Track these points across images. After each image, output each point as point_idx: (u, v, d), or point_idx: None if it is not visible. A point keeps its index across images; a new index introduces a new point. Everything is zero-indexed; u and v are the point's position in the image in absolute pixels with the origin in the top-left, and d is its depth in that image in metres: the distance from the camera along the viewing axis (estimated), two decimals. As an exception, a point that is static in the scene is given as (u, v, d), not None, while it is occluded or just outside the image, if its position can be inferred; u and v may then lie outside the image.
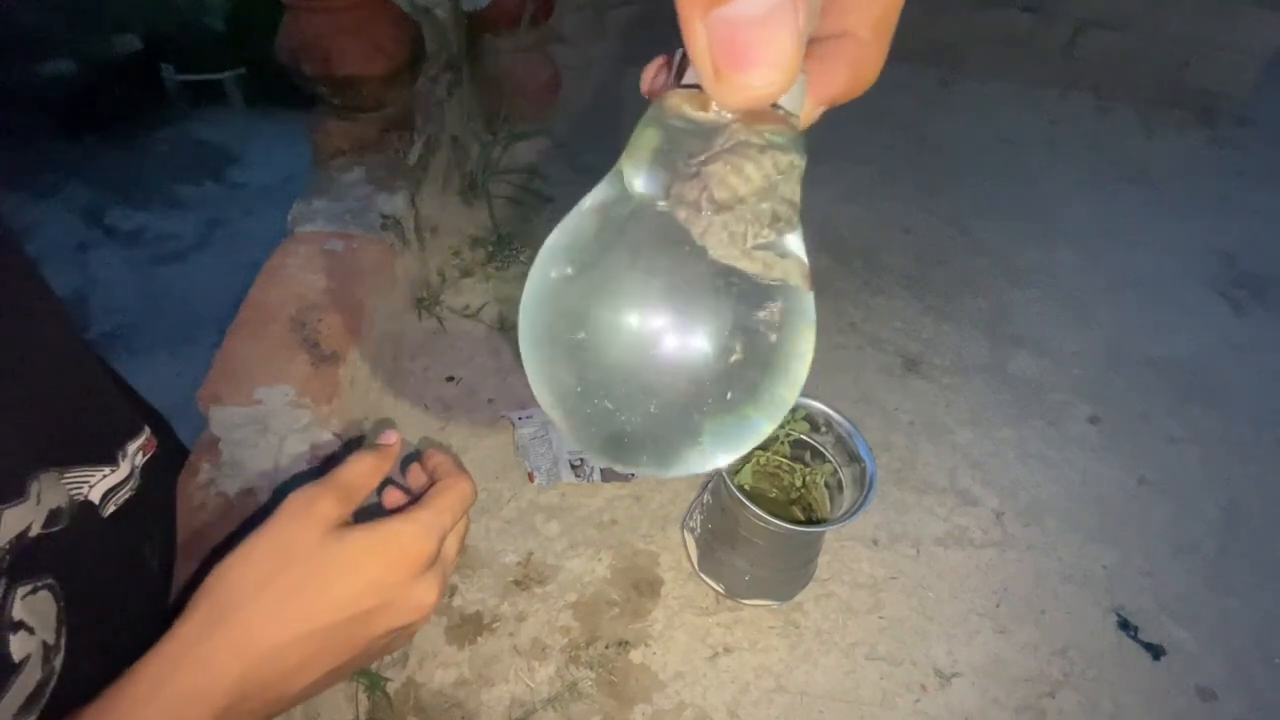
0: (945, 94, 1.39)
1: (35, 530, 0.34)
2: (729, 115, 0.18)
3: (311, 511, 0.40)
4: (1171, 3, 1.31)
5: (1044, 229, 1.11)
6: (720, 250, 0.18)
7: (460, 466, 0.49)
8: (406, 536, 0.41)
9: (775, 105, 0.18)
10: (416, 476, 0.49)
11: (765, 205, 0.18)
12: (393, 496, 0.48)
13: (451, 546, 0.46)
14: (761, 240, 0.18)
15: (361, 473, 0.44)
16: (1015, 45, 1.40)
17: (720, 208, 0.18)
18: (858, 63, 0.18)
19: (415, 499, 0.46)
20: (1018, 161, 1.25)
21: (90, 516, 0.40)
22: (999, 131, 1.32)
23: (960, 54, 1.41)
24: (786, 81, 0.16)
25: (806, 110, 0.19)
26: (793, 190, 0.19)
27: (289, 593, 0.37)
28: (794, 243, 0.19)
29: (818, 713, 0.57)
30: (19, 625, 0.32)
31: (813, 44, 0.18)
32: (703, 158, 0.18)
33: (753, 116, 0.18)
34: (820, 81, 0.18)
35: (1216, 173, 1.29)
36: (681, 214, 0.18)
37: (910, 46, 1.40)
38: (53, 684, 0.34)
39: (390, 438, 0.48)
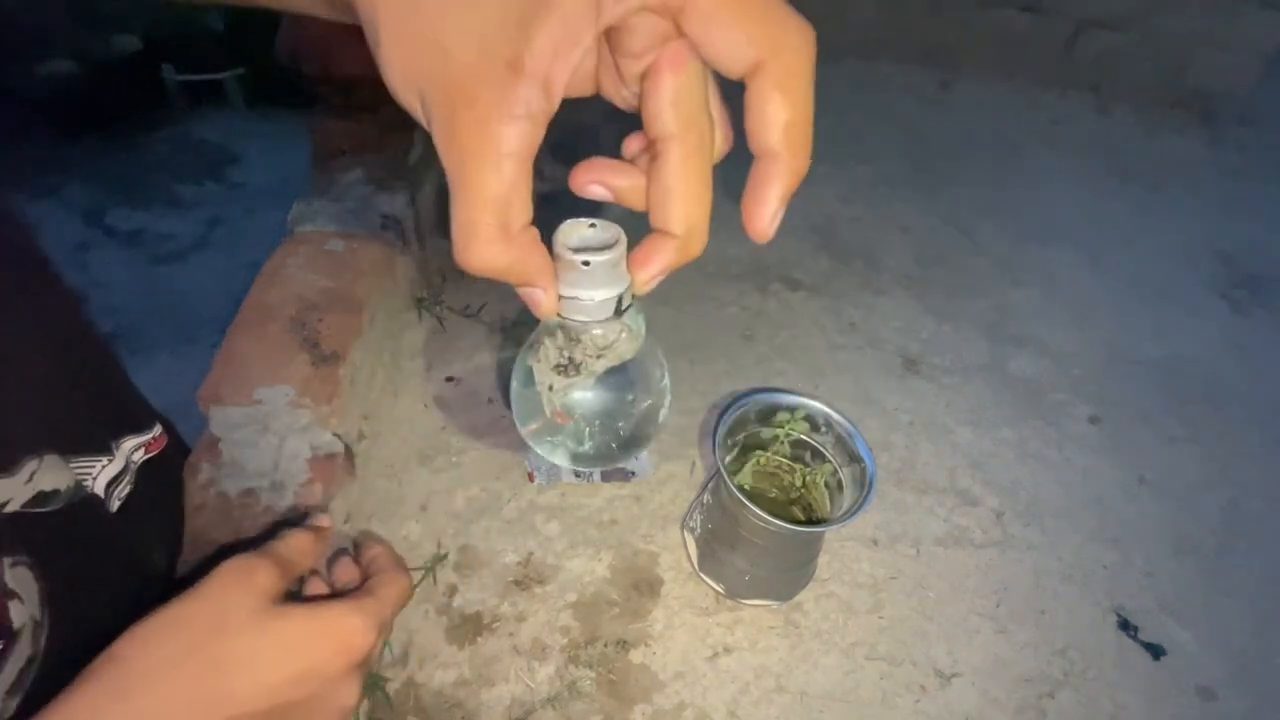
0: (945, 94, 1.39)
1: (13, 506, 0.33)
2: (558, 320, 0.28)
3: (251, 580, 0.36)
4: (1171, 3, 1.31)
5: (1044, 229, 1.11)
6: (541, 377, 0.33)
7: (400, 561, 0.46)
8: (350, 624, 0.37)
9: (612, 310, 0.27)
10: (346, 570, 0.46)
11: (555, 363, 0.31)
12: (315, 586, 0.44)
13: (378, 647, 0.41)
14: (555, 378, 0.31)
15: (298, 549, 0.41)
16: (1015, 45, 1.40)
17: (536, 360, 0.32)
18: (677, 250, 0.25)
19: (337, 595, 0.42)
20: (1018, 161, 1.25)
21: (96, 510, 0.40)
22: (999, 131, 1.32)
23: (960, 54, 1.41)
24: (550, 313, 0.27)
25: (640, 282, 0.26)
26: (591, 348, 0.30)
27: (210, 671, 0.33)
28: (596, 367, 0.30)
29: (818, 713, 0.57)
30: (13, 594, 0.32)
31: (646, 238, 0.25)
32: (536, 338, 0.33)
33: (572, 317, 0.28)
34: (646, 262, 0.25)
35: (1216, 173, 1.29)
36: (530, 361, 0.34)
37: (910, 46, 1.41)
38: (36, 666, 0.33)
39: (325, 520, 0.45)
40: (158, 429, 0.48)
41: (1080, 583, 0.69)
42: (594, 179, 0.25)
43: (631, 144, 0.25)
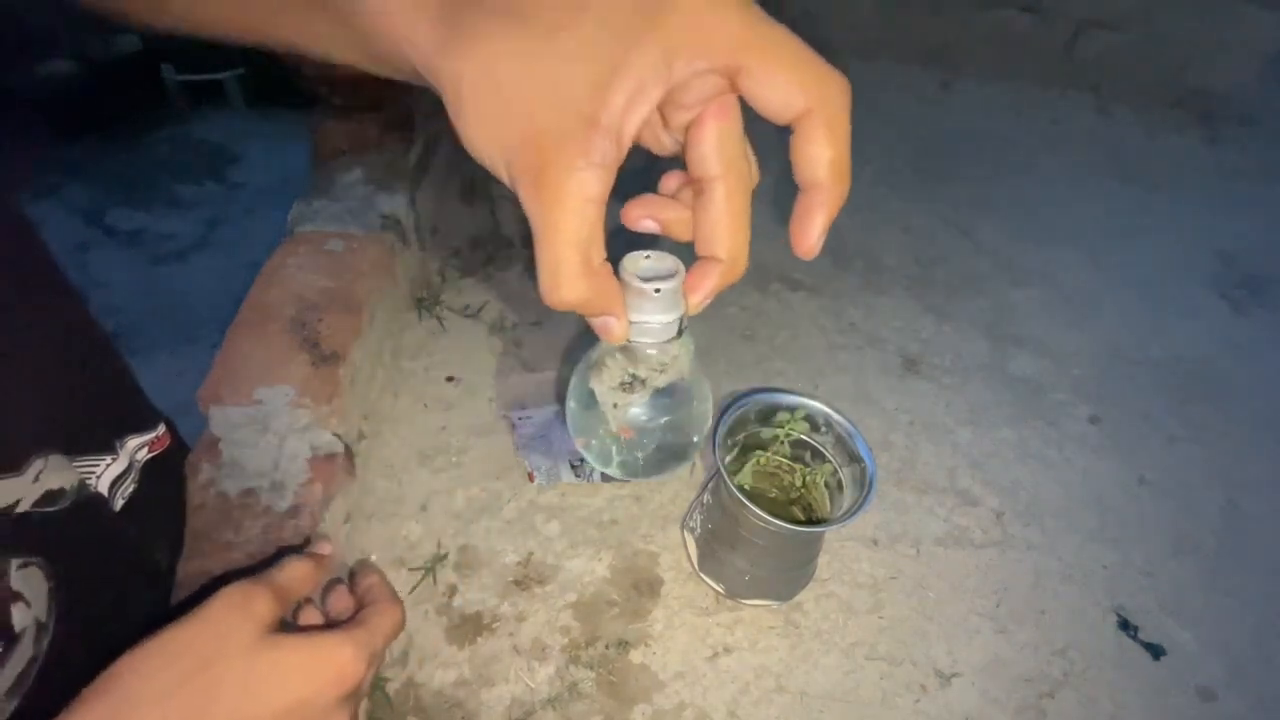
0: (945, 94, 1.39)
1: (25, 506, 0.33)
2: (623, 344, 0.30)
3: (249, 608, 0.36)
4: (1171, 3, 1.31)
5: (1044, 229, 1.11)
6: (604, 396, 0.34)
7: (393, 593, 0.46)
8: (344, 655, 0.37)
9: (664, 337, 0.30)
10: (341, 599, 0.46)
11: (619, 382, 0.33)
12: (309, 615, 0.44)
13: (368, 678, 0.41)
14: (621, 394, 0.33)
15: (297, 577, 0.41)
16: (1015, 45, 1.40)
17: (599, 381, 0.33)
18: (724, 273, 0.28)
19: (331, 625, 0.43)
20: (1018, 161, 1.25)
21: (101, 509, 0.40)
22: (999, 131, 1.32)
23: (960, 54, 1.41)
24: (622, 338, 0.29)
25: (693, 304, 0.29)
26: (652, 366, 0.32)
27: (204, 700, 0.33)
28: (659, 380, 0.33)
29: (818, 713, 0.57)
30: (18, 596, 0.32)
31: (696, 264, 0.28)
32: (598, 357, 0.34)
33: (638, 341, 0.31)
34: (698, 287, 0.28)
35: (1216, 173, 1.29)
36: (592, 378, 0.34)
37: (910, 46, 1.41)
38: (37, 668, 0.33)
39: (326, 548, 0.45)
40: (161, 428, 0.48)
41: (1080, 583, 0.69)
42: (646, 213, 0.28)
43: (670, 182, 0.28)
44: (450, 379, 0.78)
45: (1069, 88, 1.42)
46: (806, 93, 0.23)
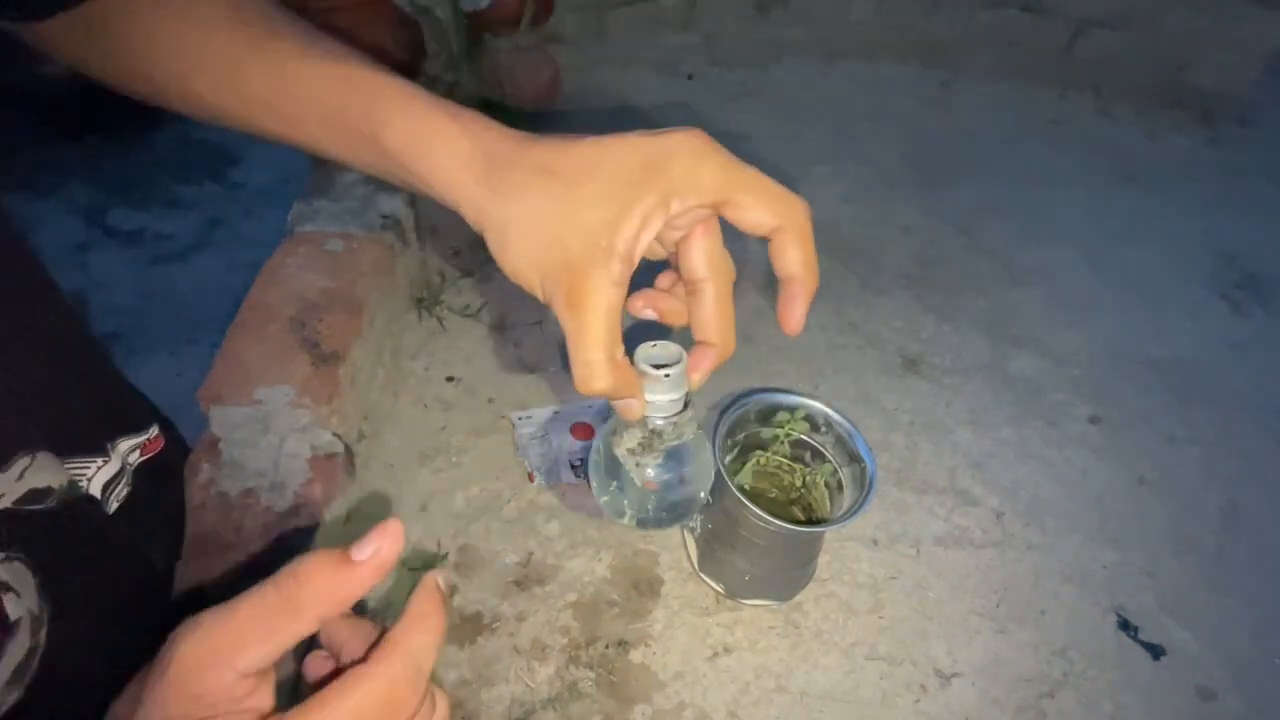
0: (945, 94, 1.39)
1: (6, 502, 0.33)
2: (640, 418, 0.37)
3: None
4: (1171, 3, 1.31)
5: (1044, 229, 1.11)
6: (625, 459, 0.40)
7: (427, 590, 0.30)
8: (396, 695, 0.27)
9: (671, 411, 0.37)
10: (342, 628, 0.31)
11: (638, 444, 0.39)
12: (315, 664, 0.31)
13: (424, 709, 0.29)
14: (639, 455, 0.39)
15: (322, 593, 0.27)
16: (1015, 45, 1.40)
17: (620, 445, 0.40)
18: (717, 355, 0.35)
19: (340, 670, 0.29)
20: (1018, 161, 1.25)
21: (92, 511, 0.40)
22: (999, 131, 1.32)
23: (960, 54, 1.41)
24: (640, 416, 0.36)
25: (694, 381, 0.36)
26: (666, 435, 0.39)
27: None
28: (668, 438, 0.39)
29: (818, 713, 0.57)
30: (8, 587, 0.32)
31: (695, 348, 0.35)
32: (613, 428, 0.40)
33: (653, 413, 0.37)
34: (697, 367, 0.35)
35: (1216, 173, 1.29)
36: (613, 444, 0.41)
37: (910, 46, 1.41)
38: (38, 659, 0.33)
39: (372, 547, 0.27)
40: (154, 430, 0.47)
41: (1080, 583, 0.69)
42: (646, 304, 0.35)
43: (664, 280, 0.36)
44: (450, 379, 0.78)
45: (1069, 88, 1.42)
46: (778, 215, 0.31)
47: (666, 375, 0.35)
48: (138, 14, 0.35)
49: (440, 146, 0.31)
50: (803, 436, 0.60)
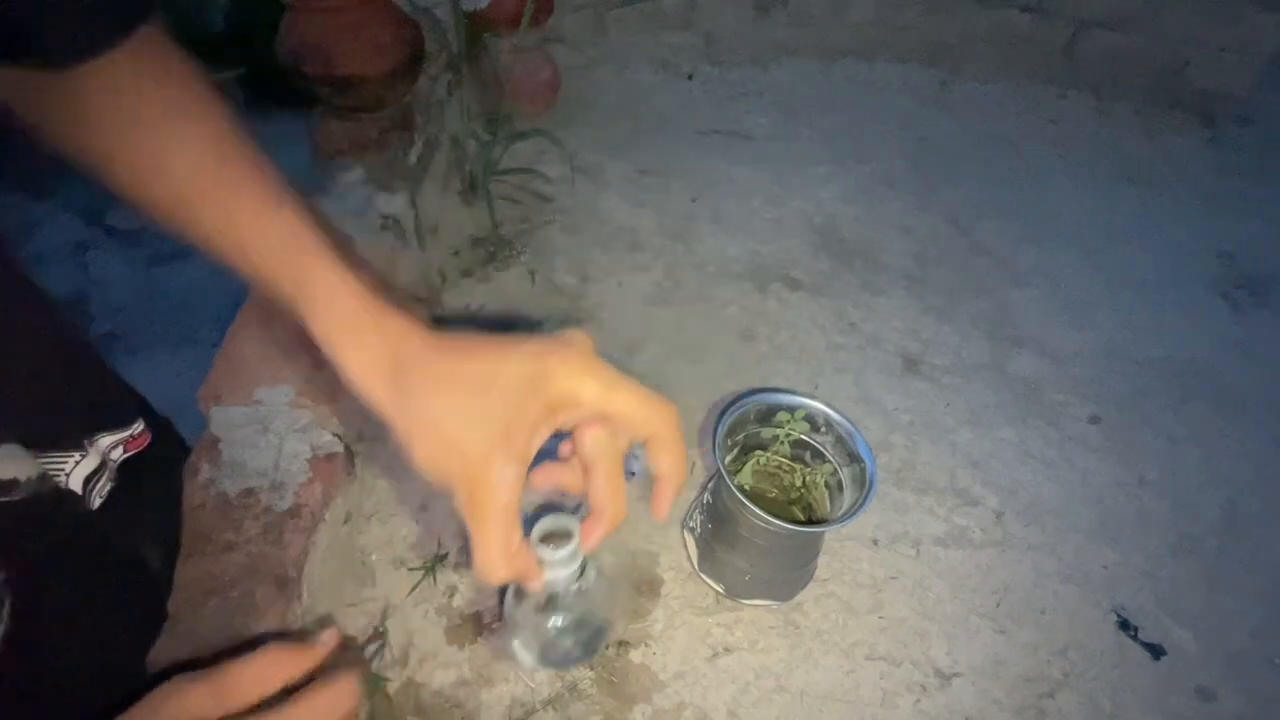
0: (945, 94, 1.39)
1: None
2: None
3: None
4: (1171, 3, 1.31)
5: (1044, 229, 1.11)
6: (525, 617, 0.45)
7: (352, 659, 0.44)
8: None
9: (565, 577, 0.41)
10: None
11: (538, 606, 0.44)
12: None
13: None
14: (540, 614, 0.44)
15: (251, 676, 0.38)
16: (1015, 45, 1.40)
17: (519, 606, 0.45)
18: (609, 521, 0.38)
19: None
20: (1018, 161, 1.25)
21: (68, 505, 0.40)
22: (999, 131, 1.32)
23: (960, 54, 1.41)
24: (539, 590, 0.41)
25: (587, 549, 0.40)
26: (565, 596, 0.43)
27: None
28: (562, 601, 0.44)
29: (818, 713, 0.57)
30: None
31: (589, 516, 0.39)
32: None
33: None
34: (590, 535, 0.39)
35: (1216, 173, 1.29)
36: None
37: (910, 46, 1.41)
38: (3, 633, 0.34)
39: (326, 639, 0.41)
40: (139, 426, 0.46)
41: (1080, 583, 0.69)
42: (546, 480, 0.38)
43: (564, 449, 0.39)
44: (450, 379, 0.78)
45: (1069, 88, 1.42)
46: (648, 424, 0.35)
47: (559, 555, 0.39)
48: (122, 95, 0.36)
49: (355, 347, 0.35)
50: (803, 436, 0.60)
